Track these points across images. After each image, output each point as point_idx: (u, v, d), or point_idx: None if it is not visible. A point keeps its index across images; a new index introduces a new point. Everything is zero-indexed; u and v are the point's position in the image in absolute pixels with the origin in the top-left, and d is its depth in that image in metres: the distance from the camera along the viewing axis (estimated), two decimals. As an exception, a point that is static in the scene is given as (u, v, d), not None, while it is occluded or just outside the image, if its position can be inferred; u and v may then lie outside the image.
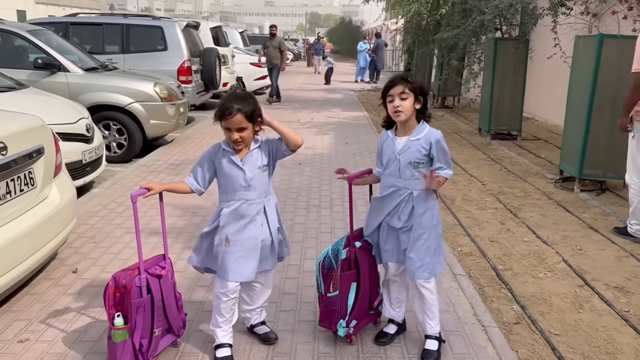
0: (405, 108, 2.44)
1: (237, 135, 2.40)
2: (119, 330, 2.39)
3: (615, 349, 2.83)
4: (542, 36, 8.80)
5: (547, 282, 3.59)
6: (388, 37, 26.00)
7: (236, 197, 2.48)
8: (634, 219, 4.33)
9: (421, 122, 2.53)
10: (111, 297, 2.43)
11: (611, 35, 5.45)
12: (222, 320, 2.57)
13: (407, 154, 2.48)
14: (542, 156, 7.44)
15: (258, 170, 2.49)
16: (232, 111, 2.36)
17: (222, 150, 2.51)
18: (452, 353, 2.68)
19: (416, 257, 2.51)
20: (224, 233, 2.48)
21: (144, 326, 2.46)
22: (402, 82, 2.46)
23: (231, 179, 2.48)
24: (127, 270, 2.49)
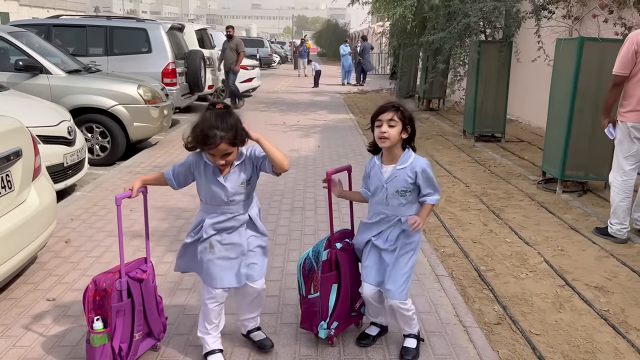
0: (391, 135, 2.42)
1: (223, 161, 2.29)
2: (97, 334, 2.36)
3: (595, 348, 2.86)
4: (525, 39, 8.88)
5: (528, 283, 3.62)
6: (374, 40, 26.10)
7: (218, 211, 2.42)
8: (614, 218, 4.38)
9: (407, 150, 2.52)
10: (91, 301, 2.40)
11: (591, 38, 5.52)
12: (211, 327, 2.54)
13: (394, 183, 2.48)
14: (526, 158, 7.51)
15: (241, 186, 2.39)
16: (215, 141, 2.19)
17: (204, 164, 2.39)
18: (434, 354, 2.69)
19: (396, 279, 2.51)
20: (207, 240, 2.43)
21: (124, 330, 2.43)
22: (392, 109, 2.44)
23: (212, 194, 2.39)
24: (107, 273, 2.46)
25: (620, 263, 3.95)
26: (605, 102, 4.36)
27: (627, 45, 4.10)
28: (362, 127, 9.92)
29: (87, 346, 2.39)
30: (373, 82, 21.47)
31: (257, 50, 28.36)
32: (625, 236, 4.36)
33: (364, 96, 16.23)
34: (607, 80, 5.27)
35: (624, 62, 4.11)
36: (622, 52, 4.14)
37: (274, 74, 25.75)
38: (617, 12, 6.87)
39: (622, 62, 4.13)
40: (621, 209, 4.33)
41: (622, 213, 4.34)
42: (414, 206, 2.52)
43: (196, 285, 3.32)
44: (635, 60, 4.07)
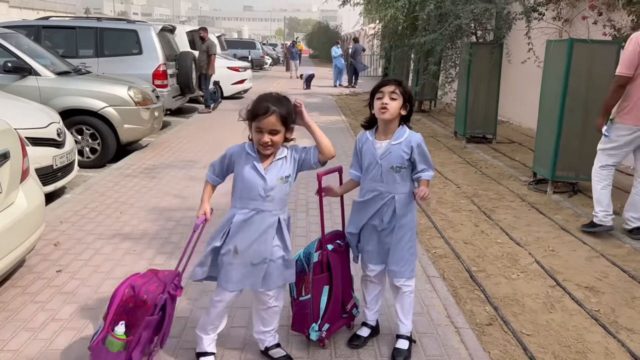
0: (392, 107, 2.43)
1: (269, 138, 2.27)
2: (117, 339, 2.27)
3: (585, 348, 2.87)
4: (516, 41, 8.93)
5: (519, 283, 3.63)
6: (366, 42, 26.15)
7: (251, 205, 2.36)
8: (598, 206, 4.45)
9: (401, 126, 2.52)
10: (122, 304, 2.32)
11: (581, 39, 5.55)
12: (211, 328, 2.50)
13: (389, 159, 2.48)
14: (517, 159, 7.54)
15: (280, 182, 2.35)
16: (267, 111, 2.24)
17: (246, 154, 2.38)
18: (425, 355, 2.68)
19: (399, 258, 2.55)
20: (232, 243, 2.37)
21: (146, 343, 2.37)
22: (395, 83, 2.46)
23: (249, 187, 2.35)
24: (146, 281, 2.37)
25: (611, 263, 3.96)
26: (606, 102, 4.36)
27: (631, 45, 4.11)
28: (354, 129, 9.92)
29: (100, 346, 2.28)
30: (365, 84, 21.49)
31: (249, 52, 28.37)
32: (611, 223, 4.42)
33: (356, 98, 16.24)
34: (596, 80, 5.34)
35: (628, 62, 4.12)
36: (625, 52, 4.16)
37: (265, 76, 25.72)
38: (607, 14, 6.92)
39: (626, 62, 4.14)
40: (603, 195, 4.41)
41: (605, 200, 4.40)
42: (407, 183, 2.53)
43: (187, 288, 3.29)
44: (639, 61, 4.08)
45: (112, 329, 2.29)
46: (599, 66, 5.35)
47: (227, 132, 9.22)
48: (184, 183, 5.83)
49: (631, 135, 4.23)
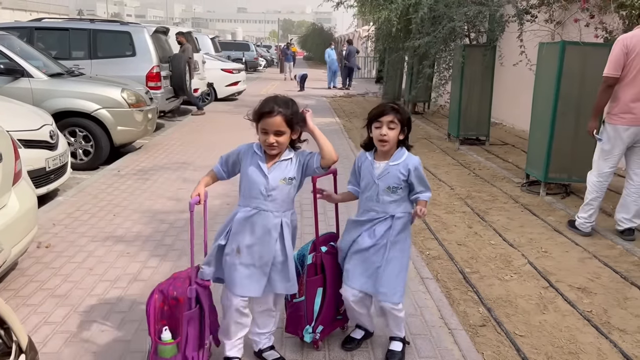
0: (390, 138, 2.45)
1: (274, 139, 2.30)
2: (167, 345, 2.28)
3: (578, 348, 2.88)
4: (509, 43, 8.97)
5: (512, 285, 3.64)
6: (360, 44, 26.19)
7: (253, 204, 2.38)
8: (583, 212, 4.57)
9: (400, 148, 2.54)
10: (158, 311, 2.32)
11: (573, 42, 5.59)
12: (233, 331, 2.46)
13: (386, 179, 2.49)
14: (510, 161, 7.57)
15: (282, 182, 2.37)
16: (273, 111, 2.27)
17: (253, 153, 2.42)
18: (419, 356, 2.69)
19: (389, 281, 2.50)
20: (236, 242, 2.37)
21: (195, 339, 2.37)
22: (392, 111, 2.46)
23: (252, 184, 2.37)
24: (172, 281, 2.37)
25: (603, 264, 3.99)
26: (596, 105, 4.39)
27: (618, 47, 4.15)
28: (348, 131, 9.94)
29: (155, 358, 2.30)
30: (359, 85, 21.53)
31: (243, 54, 28.36)
32: (589, 230, 4.55)
33: (350, 100, 16.27)
34: (589, 83, 5.37)
35: (615, 63, 4.17)
36: (612, 54, 4.20)
37: (260, 78, 25.71)
38: (598, 17, 6.96)
39: (613, 63, 4.19)
40: (590, 206, 4.49)
41: (590, 210, 4.50)
42: (403, 204, 2.53)
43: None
44: (625, 62, 4.12)
45: (159, 337, 2.29)
46: (591, 68, 5.38)
47: (220, 134, 9.21)
48: (177, 185, 5.82)
49: (622, 135, 4.26)
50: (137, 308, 3.12)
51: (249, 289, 2.38)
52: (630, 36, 4.17)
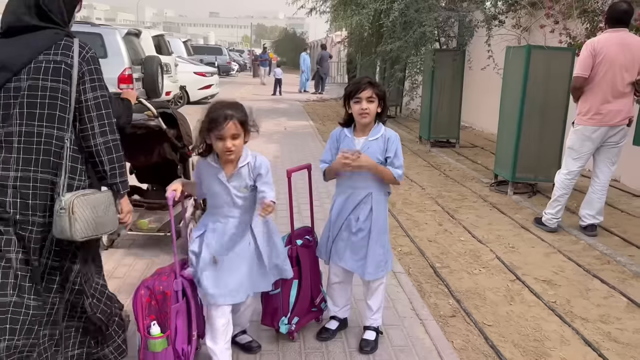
0: (371, 111, 2.53)
1: (231, 144, 2.26)
2: (157, 339, 2.31)
3: (543, 336, 3.01)
4: (478, 48, 9.20)
5: (481, 278, 3.77)
6: (333, 49, 26.39)
7: (222, 212, 2.40)
8: (550, 209, 4.75)
9: (377, 123, 2.62)
10: (145, 306, 2.33)
11: (538, 46, 5.80)
12: (218, 337, 2.41)
13: (367, 155, 2.55)
14: (479, 162, 7.77)
15: (244, 190, 2.38)
16: (227, 118, 2.23)
17: (208, 165, 2.39)
18: (391, 345, 2.77)
19: (374, 260, 2.61)
20: (209, 253, 2.36)
21: (184, 331, 2.39)
22: (370, 86, 2.53)
23: (216, 196, 2.38)
24: (157, 276, 2.39)
25: (567, 258, 4.15)
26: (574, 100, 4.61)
27: (586, 50, 4.35)
28: (322, 134, 10.03)
29: (145, 353, 2.32)
30: (332, 90, 21.69)
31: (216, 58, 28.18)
32: (555, 226, 4.74)
33: (324, 104, 16.39)
34: (553, 85, 5.60)
35: (583, 64, 4.36)
36: (581, 56, 4.41)
37: (233, 82, 25.65)
38: (562, 23, 7.22)
39: (581, 64, 4.38)
40: (558, 202, 4.67)
41: (558, 206, 4.68)
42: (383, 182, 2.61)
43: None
44: (593, 64, 4.31)
45: (148, 332, 2.31)
46: (555, 71, 5.60)
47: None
48: (151, 186, 5.80)
49: (592, 136, 4.43)
50: (112, 304, 3.13)
51: (232, 297, 2.38)
52: (597, 40, 4.36)
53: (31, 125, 2.00)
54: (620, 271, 3.93)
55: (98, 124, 2.08)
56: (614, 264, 4.07)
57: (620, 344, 2.95)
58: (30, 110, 1.99)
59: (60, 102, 2.02)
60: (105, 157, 2.10)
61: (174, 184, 2.40)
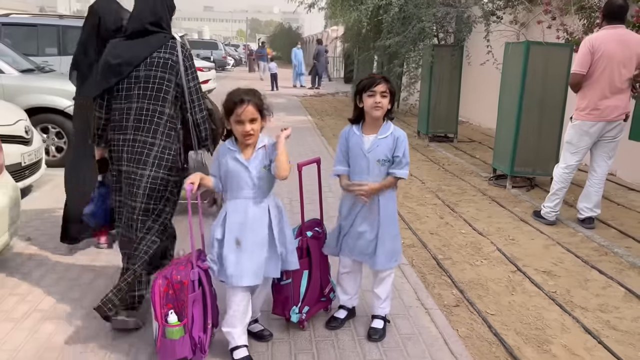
0: (384, 105, 2.59)
1: (250, 127, 2.40)
2: (174, 327, 2.39)
3: (544, 324, 3.11)
4: (476, 43, 9.28)
5: (483, 269, 3.86)
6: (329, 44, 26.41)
7: (241, 195, 2.48)
8: (548, 202, 4.84)
9: (386, 121, 2.69)
10: (163, 295, 2.41)
11: (537, 42, 5.88)
12: (237, 320, 2.52)
13: (376, 152, 2.63)
14: (477, 157, 7.86)
15: (264, 170, 2.48)
16: (244, 101, 2.38)
17: (228, 150, 2.51)
18: (399, 333, 2.86)
19: (384, 251, 2.70)
20: (232, 234, 2.46)
21: (200, 319, 2.48)
22: (384, 81, 2.61)
23: (236, 177, 2.47)
24: (174, 266, 2.47)
25: (566, 250, 4.25)
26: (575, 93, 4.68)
27: (585, 46, 4.43)
28: (320, 128, 10.10)
29: (163, 340, 2.40)
30: (329, 85, 21.74)
31: (212, 53, 28.16)
32: (553, 219, 4.83)
33: (321, 99, 16.44)
34: (551, 81, 5.69)
35: (581, 61, 4.44)
36: (579, 53, 4.49)
37: (229, 77, 25.60)
38: (560, 19, 7.31)
39: (579, 61, 4.47)
40: (556, 196, 4.77)
41: (556, 200, 4.78)
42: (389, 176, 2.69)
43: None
44: (592, 60, 4.39)
45: (166, 321, 2.39)
46: (554, 67, 5.69)
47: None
48: (154, 180, 5.85)
49: (590, 131, 4.52)
50: (125, 295, 3.20)
51: (257, 277, 2.47)
52: (595, 37, 4.45)
53: (143, 103, 2.72)
54: (617, 262, 4.04)
55: (197, 104, 2.83)
56: (611, 255, 4.17)
57: (619, 332, 3.05)
58: (144, 92, 2.72)
59: (165, 87, 2.73)
60: (202, 126, 2.86)
61: (192, 177, 2.47)
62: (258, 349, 2.66)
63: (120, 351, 2.63)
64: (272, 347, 2.71)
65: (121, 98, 2.75)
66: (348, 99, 16.17)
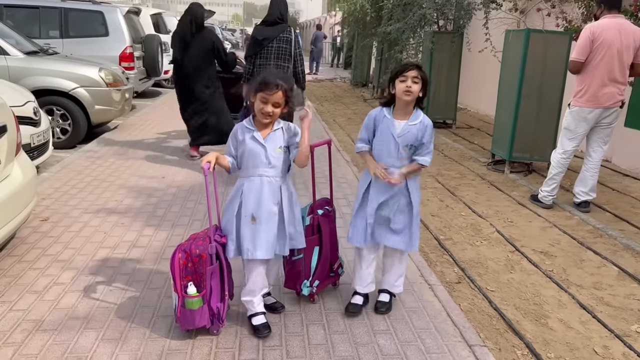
0: (414, 91, 2.67)
1: (271, 109, 2.52)
2: (193, 298, 2.51)
3: (542, 300, 3.26)
4: (476, 30, 9.36)
5: (483, 249, 4.01)
6: (328, 30, 26.36)
7: (257, 172, 2.60)
8: (546, 186, 5.00)
9: (416, 109, 2.78)
10: (183, 268, 2.54)
11: (537, 30, 5.99)
12: (257, 290, 2.68)
13: (406, 137, 2.72)
14: (475, 142, 7.99)
15: (279, 150, 2.60)
16: (278, 85, 2.48)
17: (245, 128, 2.61)
18: (404, 307, 3.00)
19: (417, 232, 2.85)
20: (248, 211, 2.58)
21: (218, 291, 2.61)
22: (417, 67, 2.68)
23: (253, 155, 2.58)
24: (193, 241, 2.59)
25: (562, 232, 4.40)
26: None
27: (585, 34, 4.54)
28: (321, 114, 10.19)
29: (183, 310, 2.53)
30: (327, 71, 21.75)
31: (209, 37, 27.96)
32: (550, 203, 5.00)
33: (319, 84, 16.50)
34: (550, 68, 5.81)
35: (581, 48, 4.56)
36: (580, 40, 4.60)
37: (226, 62, 25.54)
38: (559, 7, 7.41)
39: (579, 48, 4.58)
40: (553, 181, 4.92)
41: (553, 184, 4.93)
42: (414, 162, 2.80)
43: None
44: (591, 48, 4.51)
45: (185, 292, 2.53)
46: (553, 55, 5.80)
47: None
48: (159, 163, 5.96)
49: (587, 117, 4.65)
50: (141, 270, 3.34)
51: (269, 251, 2.61)
52: (597, 24, 4.55)
53: (276, 61, 4.92)
54: (611, 244, 4.20)
55: (300, 63, 5.04)
56: (605, 237, 4.33)
57: (612, 307, 3.21)
58: (276, 55, 4.93)
59: (286, 53, 4.94)
60: (302, 75, 5.06)
61: (208, 156, 2.58)
62: (271, 319, 2.79)
63: (142, 320, 2.76)
64: (285, 318, 2.85)
65: (263, 58, 4.97)
66: (346, 84, 16.23)
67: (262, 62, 4.94)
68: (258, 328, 2.68)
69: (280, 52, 4.91)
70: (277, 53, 4.90)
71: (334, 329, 2.77)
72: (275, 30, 4.92)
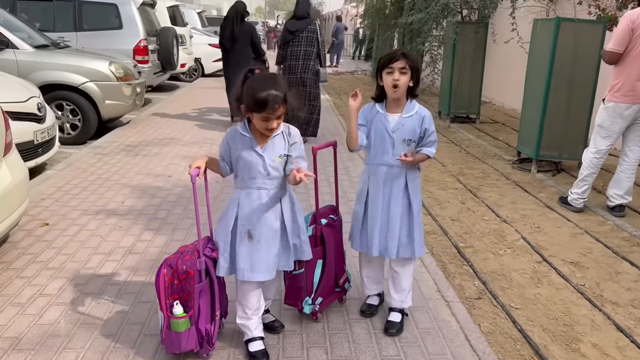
0: (402, 83, 2.43)
1: (276, 124, 2.20)
2: (180, 318, 2.26)
3: (572, 320, 2.93)
4: (502, 20, 8.92)
5: (506, 259, 3.68)
6: (348, 21, 25.96)
7: (254, 185, 2.31)
8: (576, 188, 4.62)
9: (409, 100, 2.52)
10: (168, 286, 2.29)
11: (568, 18, 5.57)
12: (252, 313, 2.40)
13: (401, 132, 2.49)
14: (500, 139, 7.60)
15: (278, 159, 2.29)
16: (276, 101, 2.13)
17: (240, 135, 2.29)
18: (417, 328, 2.71)
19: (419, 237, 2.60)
20: (244, 227, 2.30)
21: (207, 311, 2.35)
22: (403, 57, 2.43)
23: (249, 166, 2.28)
24: (179, 255, 2.33)
25: (594, 239, 4.04)
26: None
27: (624, 22, 4.14)
28: (338, 108, 9.89)
29: (168, 333, 2.27)
30: (348, 64, 21.38)
31: (230, 30, 27.82)
32: (581, 206, 4.62)
33: (340, 77, 16.15)
34: (581, 60, 5.42)
35: (619, 38, 4.16)
36: (618, 29, 4.20)
37: (247, 54, 25.37)
38: (591, -5, 6.94)
39: (617, 38, 4.18)
40: (585, 182, 4.55)
41: (585, 186, 4.55)
42: None
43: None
44: (630, 38, 4.12)
45: (171, 312, 2.27)
46: (585, 45, 5.39)
47: (209, 110, 9.11)
48: (167, 161, 5.74)
49: (624, 114, 4.26)
50: (133, 280, 3.10)
51: (268, 272, 2.33)
52: (637, 12, 4.15)
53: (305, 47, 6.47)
54: (650, 254, 3.82)
55: (322, 48, 6.63)
56: (643, 246, 3.95)
57: (653, 330, 2.86)
58: (305, 42, 6.46)
59: (313, 41, 6.48)
60: (324, 58, 6.71)
61: (197, 161, 2.31)
62: (269, 341, 2.53)
63: (127, 340, 2.52)
64: (284, 339, 2.58)
65: (294, 46, 6.46)
66: (367, 77, 15.86)
67: (294, 49, 6.46)
68: (255, 355, 2.40)
69: (309, 40, 6.45)
70: (307, 41, 6.44)
71: (337, 353, 2.48)
72: (304, 23, 6.46)
